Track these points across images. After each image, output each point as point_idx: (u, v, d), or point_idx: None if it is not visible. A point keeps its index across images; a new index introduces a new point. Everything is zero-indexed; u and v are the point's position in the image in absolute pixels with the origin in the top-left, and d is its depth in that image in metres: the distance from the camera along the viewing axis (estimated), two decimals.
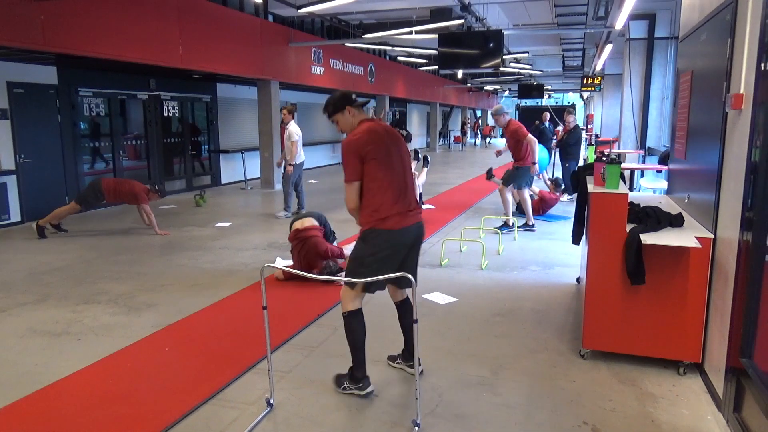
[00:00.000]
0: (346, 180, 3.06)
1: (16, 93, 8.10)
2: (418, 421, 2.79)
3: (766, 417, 2.39)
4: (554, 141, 11.63)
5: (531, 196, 8.75)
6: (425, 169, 8.71)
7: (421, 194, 8.35)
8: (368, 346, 3.77)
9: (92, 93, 9.53)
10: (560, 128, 12.70)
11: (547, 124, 12.50)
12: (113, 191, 7.41)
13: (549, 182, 9.26)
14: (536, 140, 7.32)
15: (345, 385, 3.15)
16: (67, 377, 3.36)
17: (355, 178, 3.04)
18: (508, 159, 8.17)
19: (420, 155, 8.82)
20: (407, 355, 3.42)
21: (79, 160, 9.32)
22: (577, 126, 10.47)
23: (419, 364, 2.99)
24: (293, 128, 8.52)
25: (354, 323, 3.11)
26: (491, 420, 2.89)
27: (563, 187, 9.14)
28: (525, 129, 7.37)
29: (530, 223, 7.63)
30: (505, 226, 7.47)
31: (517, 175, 7.43)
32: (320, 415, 2.95)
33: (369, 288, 3.10)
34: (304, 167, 8.93)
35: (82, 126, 9.46)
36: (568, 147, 10.27)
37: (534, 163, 7.30)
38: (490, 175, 9.71)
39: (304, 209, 8.76)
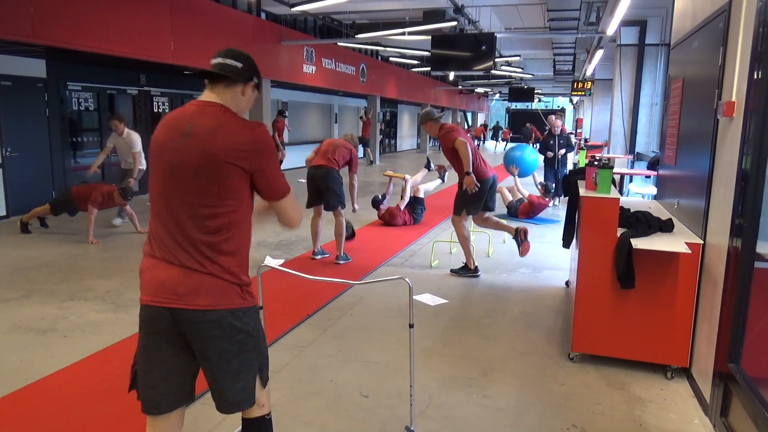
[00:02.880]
0: (287, 191, 1.96)
1: (4, 86, 7.99)
2: (412, 428, 2.77)
3: (753, 422, 2.41)
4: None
5: (521, 199, 8.80)
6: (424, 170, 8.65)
7: (423, 199, 8.31)
8: (356, 347, 3.78)
9: (81, 87, 9.43)
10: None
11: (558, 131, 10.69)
12: (84, 198, 6.91)
13: (539, 186, 9.28)
14: (466, 143, 5.19)
15: None
16: (52, 374, 3.32)
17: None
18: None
19: (431, 165, 8.76)
20: None
21: (66, 154, 9.21)
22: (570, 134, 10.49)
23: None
24: (135, 137, 7.54)
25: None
26: (481, 422, 2.89)
27: (552, 192, 9.10)
28: (456, 133, 5.31)
29: (472, 266, 5.56)
30: (466, 269, 5.57)
31: (468, 198, 5.32)
32: (310, 416, 2.93)
33: None
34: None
35: (70, 120, 9.35)
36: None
37: (468, 173, 5.16)
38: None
39: (123, 220, 7.84)
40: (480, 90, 31.34)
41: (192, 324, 1.82)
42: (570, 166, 10.66)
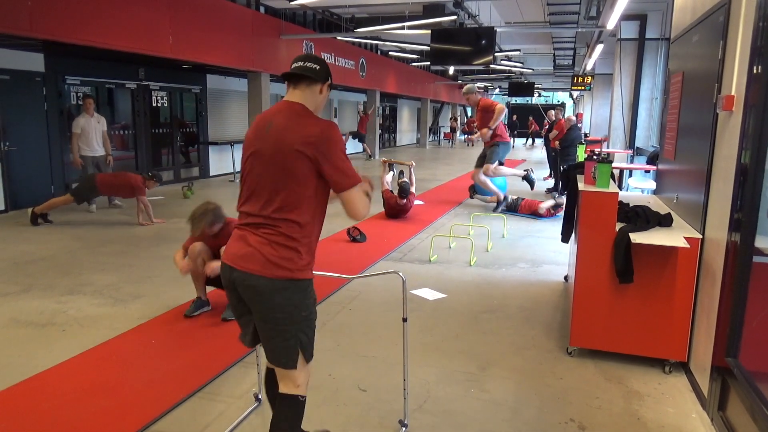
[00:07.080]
0: (356, 181, 2.12)
1: (2, 80, 7.96)
2: (405, 422, 2.78)
3: (751, 416, 2.42)
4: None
5: (518, 199, 8.75)
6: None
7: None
8: (354, 342, 3.78)
9: (80, 81, 9.39)
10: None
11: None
12: (108, 186, 7.50)
13: (550, 197, 9.06)
14: (504, 110, 7.75)
15: None
16: (51, 369, 3.32)
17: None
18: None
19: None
20: None
21: (65, 148, 9.16)
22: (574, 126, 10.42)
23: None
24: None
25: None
26: (479, 416, 2.90)
27: (558, 207, 8.76)
28: (496, 102, 7.95)
29: (501, 199, 8.06)
30: (498, 204, 8.01)
31: (496, 151, 7.89)
32: (308, 410, 2.92)
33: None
34: None
35: (69, 115, 9.31)
36: (566, 148, 10.19)
37: (489, 128, 7.73)
38: (473, 193, 9.58)
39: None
40: (480, 84, 31.26)
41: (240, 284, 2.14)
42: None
